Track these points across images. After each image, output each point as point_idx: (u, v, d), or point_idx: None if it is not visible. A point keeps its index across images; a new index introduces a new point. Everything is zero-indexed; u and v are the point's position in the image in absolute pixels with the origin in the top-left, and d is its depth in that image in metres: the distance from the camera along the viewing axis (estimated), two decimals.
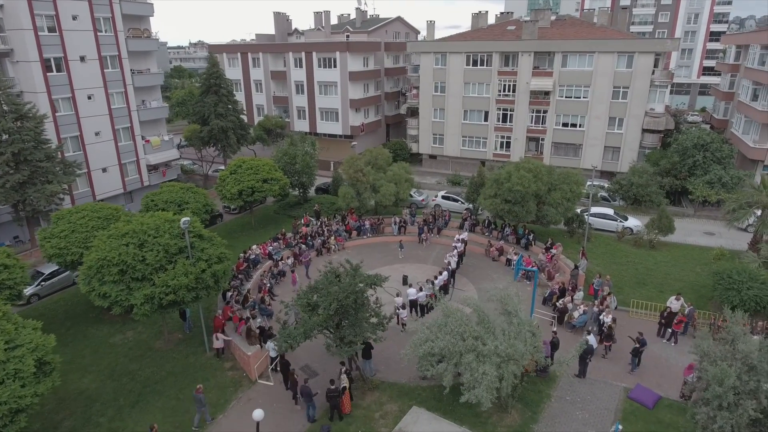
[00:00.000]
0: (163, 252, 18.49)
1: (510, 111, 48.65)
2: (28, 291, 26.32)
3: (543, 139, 48.26)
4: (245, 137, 45.88)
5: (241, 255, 27.79)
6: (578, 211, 35.57)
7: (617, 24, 53.14)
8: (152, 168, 42.15)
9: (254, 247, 28.75)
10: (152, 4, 40.19)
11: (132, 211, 30.92)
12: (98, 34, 35.86)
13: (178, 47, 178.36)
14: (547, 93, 46.53)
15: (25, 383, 14.30)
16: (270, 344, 19.99)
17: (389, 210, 35.17)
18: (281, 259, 28.78)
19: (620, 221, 34.40)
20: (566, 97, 46.06)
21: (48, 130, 33.39)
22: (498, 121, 49.44)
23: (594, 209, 35.89)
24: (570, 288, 24.74)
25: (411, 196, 40.48)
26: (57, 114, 34.31)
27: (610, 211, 35.36)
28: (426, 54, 50.56)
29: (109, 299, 18.32)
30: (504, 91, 48.40)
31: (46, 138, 30.21)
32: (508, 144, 49.78)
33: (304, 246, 30.28)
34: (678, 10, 77.23)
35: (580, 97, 45.54)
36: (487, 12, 53.02)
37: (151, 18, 41.19)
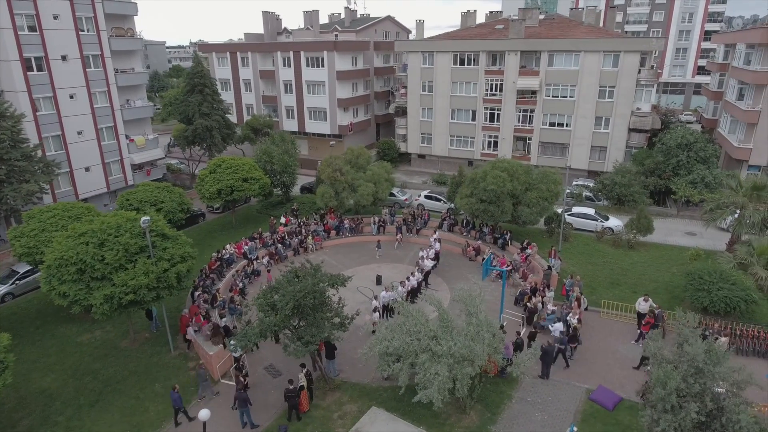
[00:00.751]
0: (123, 251, 18.49)
1: (497, 110, 48.52)
2: (1, 290, 26.42)
3: (530, 139, 48.11)
4: (231, 136, 45.88)
5: (214, 254, 27.79)
6: (558, 210, 35.51)
7: (608, 23, 52.94)
8: (137, 167, 42.24)
9: (228, 246, 28.76)
10: (136, 3, 40.27)
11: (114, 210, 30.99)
12: (80, 33, 35.91)
13: (179, 47, 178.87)
14: (534, 92, 46.38)
15: None
16: (232, 344, 19.95)
17: (369, 210, 35.09)
18: (256, 259, 28.77)
19: (601, 221, 34.25)
20: (553, 96, 45.90)
21: (29, 129, 33.58)
22: (485, 120, 49.32)
23: (575, 209, 35.85)
24: (541, 288, 24.63)
25: (394, 195, 40.50)
26: (38, 113, 34.40)
27: (590, 211, 35.23)
28: (414, 53, 50.47)
29: (68, 298, 18.34)
30: (491, 90, 48.27)
31: (23, 137, 30.25)
32: (496, 143, 49.64)
33: (280, 245, 30.26)
34: (672, 9, 76.91)
35: (566, 97, 45.37)
36: (475, 11, 52.85)
37: (135, 17, 41.26)
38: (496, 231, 31.17)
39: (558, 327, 20.78)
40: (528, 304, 23.75)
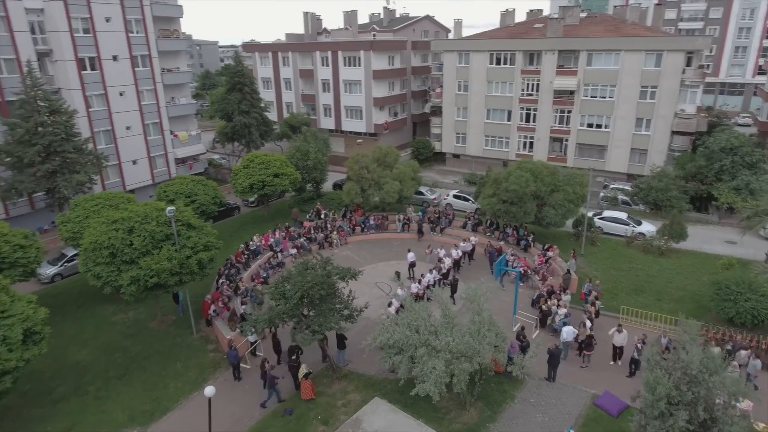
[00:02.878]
0: (149, 238, 19.92)
1: (533, 110, 47.78)
2: (50, 271, 28.86)
3: (567, 140, 47.07)
4: (268, 133, 47.54)
5: (242, 245, 29.14)
6: (589, 214, 34.75)
7: (654, 21, 50.86)
8: (180, 161, 44.60)
9: (255, 238, 30.06)
10: (181, 6, 42.55)
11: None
12: (130, 35, 38.39)
13: (231, 46, 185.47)
14: (571, 92, 45.36)
15: (12, 348, 15.96)
16: (250, 331, 21.02)
17: (395, 207, 35.56)
18: (281, 251, 29.92)
19: (633, 226, 33.21)
20: (591, 96, 44.72)
21: (82, 124, 36.38)
22: (521, 120, 48.67)
23: (606, 213, 34.95)
24: (558, 291, 24.35)
25: (422, 194, 40.81)
26: (90, 109, 37.12)
27: (622, 215, 34.19)
28: (449, 53, 50.46)
29: (101, 279, 19.96)
30: (527, 90, 47.58)
31: (76, 131, 32.74)
32: (531, 144, 48.89)
33: (305, 240, 31.30)
34: (731, 4, 72.65)
35: (605, 97, 44.09)
36: (514, 10, 52.18)
37: (180, 19, 43.54)
38: (519, 232, 30.90)
39: (568, 330, 20.56)
40: (543, 306, 23.58)
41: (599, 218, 34.32)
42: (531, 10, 55.10)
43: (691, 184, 37.36)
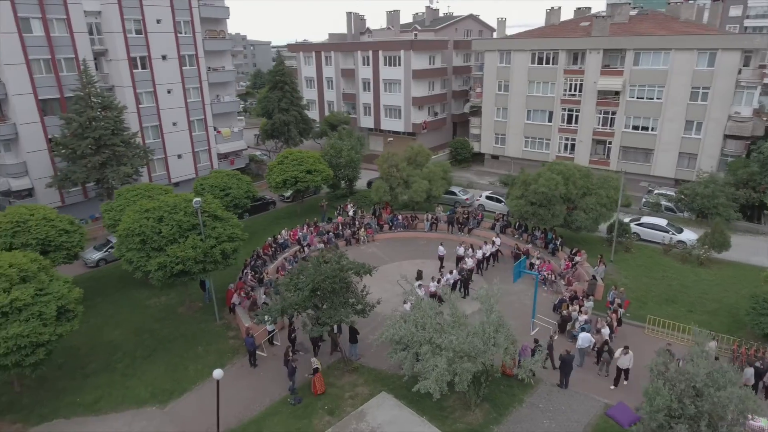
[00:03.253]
0: (176, 227, 21.05)
1: (575, 112, 46.36)
2: (96, 256, 30.97)
3: (610, 143, 45.36)
4: (307, 131, 48.68)
5: (270, 238, 30.11)
6: (626, 219, 33.45)
7: (711, 18, 48.08)
8: (223, 156, 46.50)
9: (283, 231, 30.98)
10: (228, 7, 44.36)
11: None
12: (178, 35, 40.45)
13: (285, 46, 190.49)
14: (616, 93, 43.65)
15: (47, 323, 17.36)
16: (268, 321, 21.78)
17: (424, 207, 35.54)
18: (308, 245, 30.66)
19: (672, 233, 31.63)
20: (638, 97, 42.87)
21: (132, 119, 38.74)
22: (562, 121, 47.34)
23: (645, 219, 33.50)
24: (581, 296, 23.66)
25: (455, 194, 40.56)
26: (140, 106, 39.42)
27: (662, 222, 32.63)
28: (490, 52, 49.78)
29: (132, 264, 21.30)
30: (570, 90, 46.23)
31: (125, 126, 34.88)
32: (573, 146, 47.47)
33: (333, 235, 31.92)
34: None
35: (653, 98, 42.15)
36: (560, 8, 50.70)
37: (227, 20, 45.40)
38: (547, 235, 30.17)
39: (584, 337, 19.94)
40: (563, 312, 22.98)
41: (636, 224, 32.94)
42: (578, 8, 53.42)
43: (743, 191, 35.10)
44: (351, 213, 34.66)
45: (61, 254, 23.68)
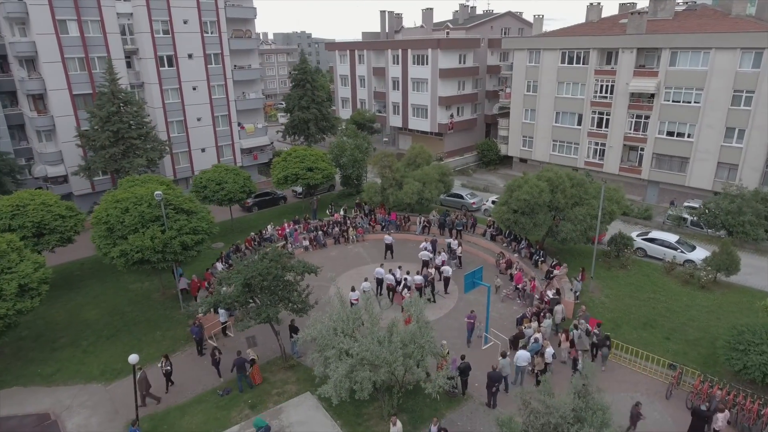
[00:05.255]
0: (139, 217, 22.37)
1: (606, 115, 43.41)
2: None
3: (643, 149, 42.02)
4: (327, 129, 49.42)
5: (253, 233, 31.07)
6: (634, 234, 31.03)
7: (760, 12, 42.83)
8: (246, 151, 48.41)
9: (269, 227, 31.80)
10: (255, 8, 45.95)
11: None
12: (204, 35, 42.59)
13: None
14: (651, 96, 40.32)
15: (5, 299, 19.17)
16: (221, 310, 22.62)
17: (423, 209, 34.93)
18: (293, 242, 31.26)
19: (681, 251, 28.84)
20: (673, 101, 39.32)
21: (158, 114, 41.45)
22: (592, 125, 44.51)
23: (654, 233, 30.83)
24: (543, 313, 22.29)
25: (461, 197, 39.52)
26: (166, 102, 41.99)
27: (672, 238, 29.81)
28: (519, 51, 47.80)
29: (101, 250, 22.93)
30: (600, 92, 43.34)
31: (145, 121, 37.37)
32: (603, 152, 44.50)
33: (321, 233, 32.32)
34: None
35: (690, 102, 38.48)
36: (599, 4, 47.53)
37: (255, 20, 47.04)
38: (532, 246, 28.65)
39: (521, 355, 18.81)
40: (522, 327, 21.78)
41: (643, 239, 30.40)
42: (623, 4, 49.83)
43: None
44: (342, 212, 34.82)
45: (55, 237, 25.90)
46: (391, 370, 16.37)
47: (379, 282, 26.00)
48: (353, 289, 23.83)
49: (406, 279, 25.08)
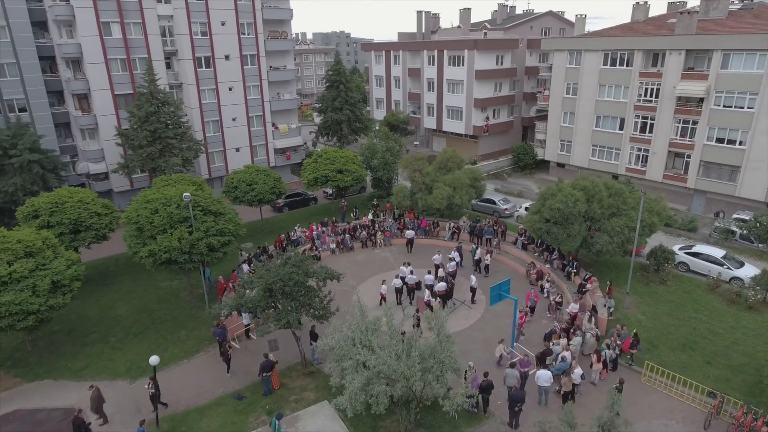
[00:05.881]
0: (167, 218, 22.72)
1: (650, 120, 41.38)
2: None
3: (689, 156, 39.80)
4: (360, 130, 49.24)
5: (283, 234, 31.16)
6: (676, 247, 29.39)
7: None
8: (280, 151, 48.85)
9: (297, 228, 31.83)
10: (291, 9, 46.26)
11: None
12: (241, 36, 43.18)
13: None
14: (699, 100, 38.13)
15: (39, 295, 19.81)
16: (244, 313, 22.70)
17: (454, 214, 34.18)
18: (322, 245, 31.18)
19: (728, 267, 27.05)
20: (724, 106, 37.03)
21: (194, 114, 42.34)
22: (635, 130, 42.53)
23: (698, 247, 29.07)
24: (573, 330, 21.28)
25: (494, 203, 38.55)
26: (203, 102, 42.83)
27: (718, 253, 27.99)
28: (559, 52, 46.20)
29: (131, 249, 23.44)
30: (645, 96, 41.32)
31: (181, 121, 38.20)
32: (645, 158, 42.46)
33: (348, 236, 32.11)
34: None
35: (743, 107, 36.14)
36: (646, 2, 45.36)
37: (291, 21, 47.36)
38: (565, 257, 27.51)
39: (543, 374, 17.87)
40: (550, 344, 20.86)
41: (686, 252, 28.72)
42: (672, 3, 47.38)
43: None
44: (370, 215, 34.50)
45: (91, 234, 26.69)
46: (408, 385, 15.92)
47: (403, 280, 25.71)
48: (383, 282, 23.75)
49: (428, 283, 24.69)
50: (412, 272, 25.85)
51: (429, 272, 25.94)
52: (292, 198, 41.77)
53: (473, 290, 25.57)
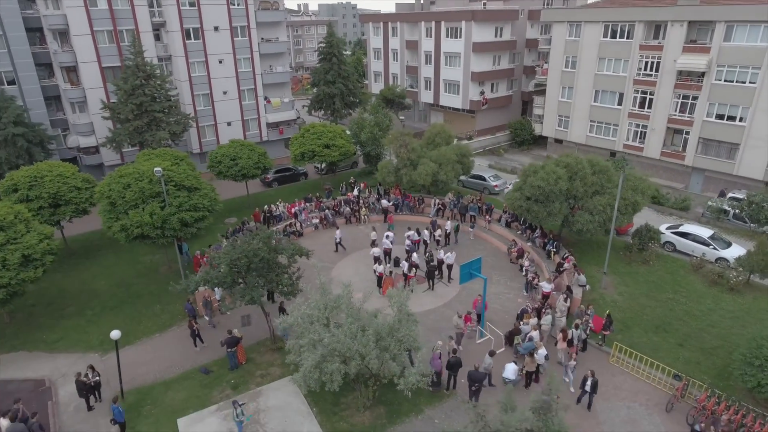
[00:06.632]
0: (139, 193, 22.61)
1: (649, 94, 40.06)
2: None
3: (688, 133, 38.61)
4: (353, 104, 48.45)
5: (265, 207, 31.08)
6: (663, 227, 28.76)
7: None
8: (273, 125, 48.34)
9: (279, 203, 31.64)
10: None
11: None
12: (230, 7, 42.23)
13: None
14: (701, 74, 36.73)
15: (9, 269, 19.95)
16: (216, 288, 22.73)
17: (440, 191, 33.71)
18: (303, 220, 31.02)
19: (715, 248, 26.42)
20: (725, 80, 35.64)
21: (184, 88, 41.84)
22: (633, 105, 41.26)
23: (686, 227, 28.40)
24: (544, 309, 21.01)
25: (484, 179, 37.95)
26: (192, 75, 42.27)
27: (706, 233, 27.31)
28: (559, 23, 44.62)
29: (105, 224, 23.46)
30: (645, 69, 39.91)
31: (169, 95, 37.78)
32: (644, 134, 41.31)
33: (329, 212, 31.88)
34: None
35: (744, 82, 34.75)
36: None
37: None
38: (546, 235, 27.05)
39: (511, 368, 17.51)
40: (521, 323, 20.65)
41: (673, 232, 28.09)
42: None
43: None
44: (356, 192, 34.15)
45: (70, 208, 26.72)
46: (364, 363, 15.86)
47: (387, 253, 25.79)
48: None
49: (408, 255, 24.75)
50: (391, 240, 25.83)
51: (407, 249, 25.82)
52: (282, 173, 41.50)
53: (450, 267, 25.33)
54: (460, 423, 16.75)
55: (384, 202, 31.54)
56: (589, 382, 16.58)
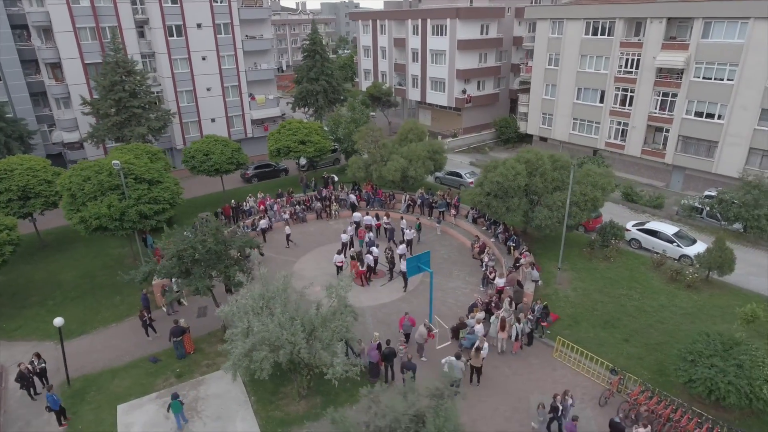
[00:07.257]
0: (98, 186, 23.00)
1: (630, 92, 39.80)
2: None
3: (668, 131, 38.29)
4: (336, 101, 48.67)
5: (233, 201, 31.39)
6: (630, 224, 28.61)
7: None
8: (258, 122, 48.69)
9: (249, 198, 31.94)
10: None
11: None
12: (213, 4, 42.63)
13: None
14: (680, 72, 36.43)
15: None
16: (173, 279, 23.06)
17: (413, 187, 33.78)
18: (272, 216, 31.27)
19: (678, 245, 26.24)
20: (704, 78, 35.31)
21: (167, 84, 42.33)
22: (615, 103, 41.01)
23: (652, 224, 28.21)
24: (493, 304, 21.07)
25: (460, 176, 37.97)
26: (175, 71, 42.75)
27: (670, 230, 27.11)
28: (542, 21, 44.47)
29: (66, 216, 23.90)
30: (625, 66, 39.66)
31: (149, 91, 38.25)
32: (625, 132, 41.04)
33: (299, 207, 32.12)
34: None
35: (722, 79, 34.43)
36: None
37: None
38: (509, 230, 27.05)
39: (455, 365, 17.34)
40: (467, 317, 20.72)
41: (639, 229, 27.91)
42: None
43: None
44: (329, 188, 34.37)
45: (40, 201, 27.22)
46: (294, 352, 16.04)
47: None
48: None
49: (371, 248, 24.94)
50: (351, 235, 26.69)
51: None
52: (262, 169, 41.82)
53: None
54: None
55: (351, 196, 31.64)
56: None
